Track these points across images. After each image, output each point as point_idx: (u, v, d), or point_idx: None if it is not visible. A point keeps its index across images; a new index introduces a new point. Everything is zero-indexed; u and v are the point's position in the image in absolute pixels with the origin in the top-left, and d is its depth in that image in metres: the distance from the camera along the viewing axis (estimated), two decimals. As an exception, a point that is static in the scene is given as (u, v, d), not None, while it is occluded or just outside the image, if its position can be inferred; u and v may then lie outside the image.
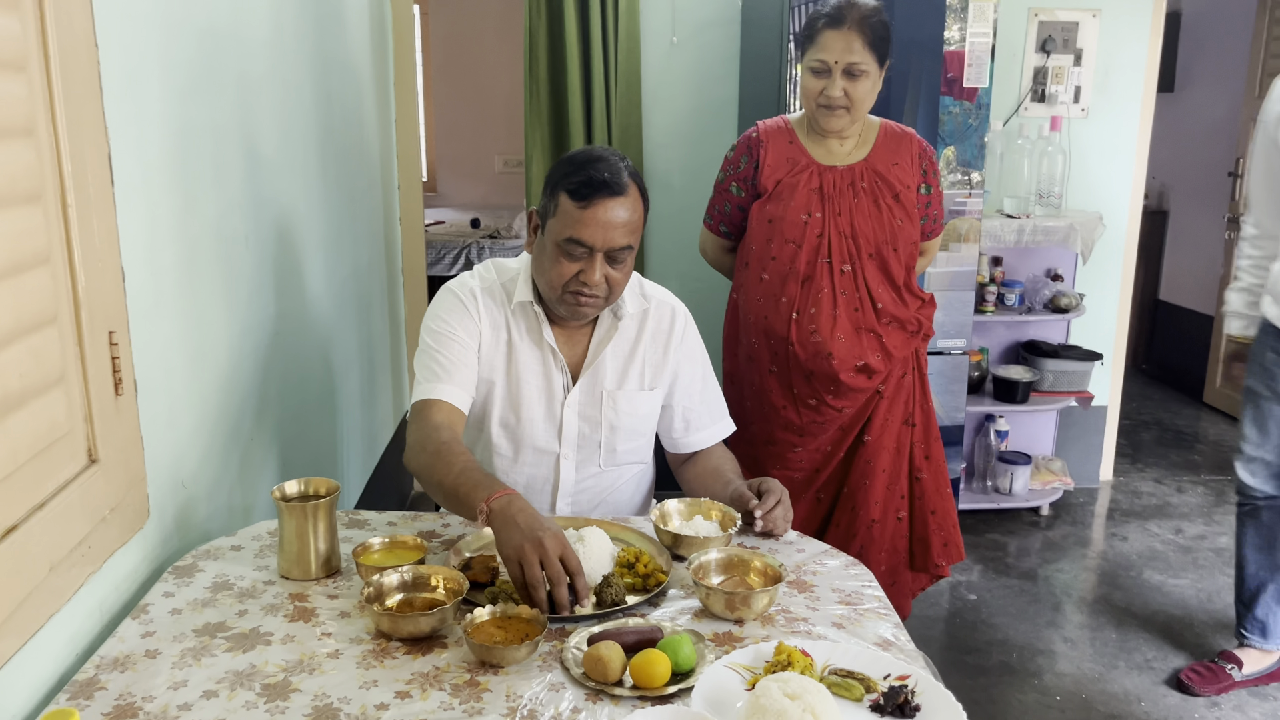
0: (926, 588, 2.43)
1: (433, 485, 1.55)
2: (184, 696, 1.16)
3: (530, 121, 3.53)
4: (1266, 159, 2.37)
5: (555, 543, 1.33)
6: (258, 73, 2.00)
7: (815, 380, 2.20)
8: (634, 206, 1.63)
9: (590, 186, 1.59)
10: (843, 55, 2.09)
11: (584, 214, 1.59)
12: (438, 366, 1.70)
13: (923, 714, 1.15)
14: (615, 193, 1.60)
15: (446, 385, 1.68)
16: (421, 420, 1.64)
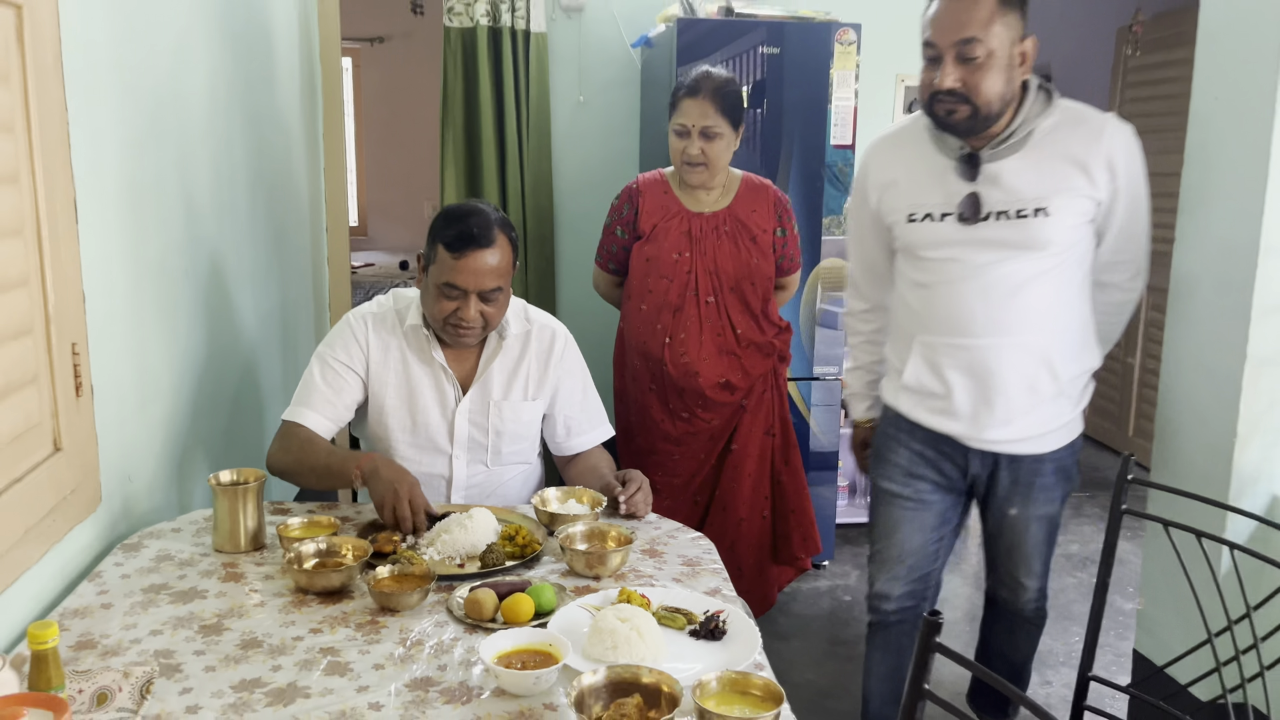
0: (792, 579, 2.76)
1: (304, 470, 1.93)
2: (134, 635, 1.43)
3: (447, 172, 3.83)
4: (859, 226, 2.10)
5: (406, 488, 1.79)
6: (195, 127, 2.29)
7: (686, 396, 2.54)
8: (502, 254, 1.95)
9: (462, 239, 1.91)
10: (699, 120, 2.47)
11: (458, 263, 1.91)
12: (313, 393, 2.03)
13: (728, 637, 1.47)
14: (484, 244, 1.92)
15: (313, 414, 2.01)
16: (284, 435, 2.00)
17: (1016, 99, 1.83)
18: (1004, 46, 1.76)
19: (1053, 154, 1.83)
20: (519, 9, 3.72)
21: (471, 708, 1.28)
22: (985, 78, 1.76)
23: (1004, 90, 1.78)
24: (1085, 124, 1.85)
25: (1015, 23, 1.77)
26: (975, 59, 1.74)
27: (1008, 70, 1.77)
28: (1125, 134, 1.85)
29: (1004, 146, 1.84)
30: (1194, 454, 2.10)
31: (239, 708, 1.26)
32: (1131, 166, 1.86)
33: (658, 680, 1.25)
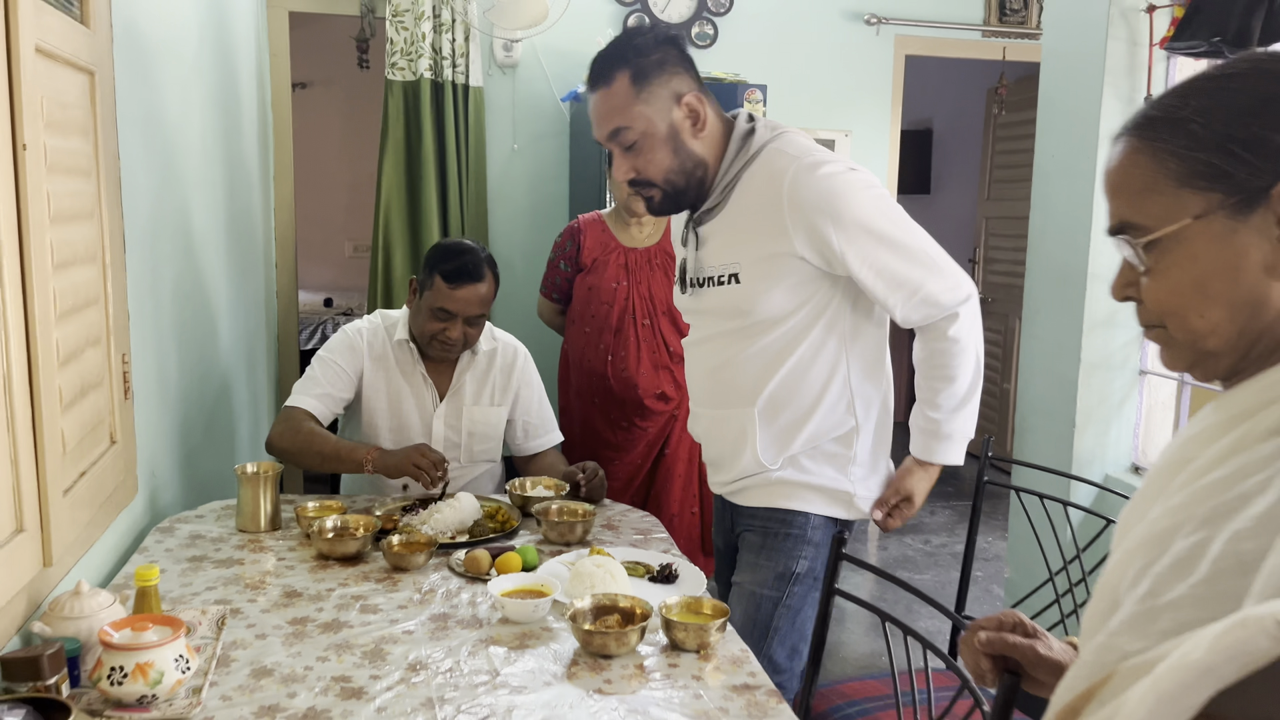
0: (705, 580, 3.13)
1: (311, 452, 2.23)
2: (192, 589, 1.73)
3: (389, 212, 4.14)
4: None
5: (423, 445, 2.17)
6: (194, 173, 2.60)
7: (627, 407, 2.92)
8: (488, 287, 2.33)
9: (459, 273, 2.28)
10: None
11: (453, 293, 2.27)
12: (313, 384, 2.35)
13: (679, 581, 1.84)
14: (476, 279, 2.29)
15: (313, 400, 2.33)
16: (289, 418, 2.29)
17: (705, 161, 1.75)
18: (656, 122, 1.70)
19: (747, 209, 1.74)
20: (459, 65, 4.09)
21: (483, 631, 1.62)
22: (651, 158, 1.72)
23: (676, 162, 1.72)
24: (774, 174, 1.71)
25: (660, 92, 1.69)
26: (633, 145, 1.72)
27: (672, 141, 1.71)
28: (808, 180, 1.67)
29: (710, 208, 1.78)
30: (1043, 442, 2.57)
31: (299, 636, 1.57)
32: (825, 212, 1.66)
33: (632, 604, 1.62)
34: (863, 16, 4.53)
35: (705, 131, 1.74)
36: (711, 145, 1.75)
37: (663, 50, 1.72)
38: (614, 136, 1.74)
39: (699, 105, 1.72)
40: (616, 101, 1.70)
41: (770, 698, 1.44)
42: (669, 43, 1.74)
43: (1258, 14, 1.95)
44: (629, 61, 1.70)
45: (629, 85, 1.69)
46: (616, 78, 1.71)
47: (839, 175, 1.69)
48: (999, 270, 5.70)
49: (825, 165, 1.69)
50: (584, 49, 4.20)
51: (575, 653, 1.56)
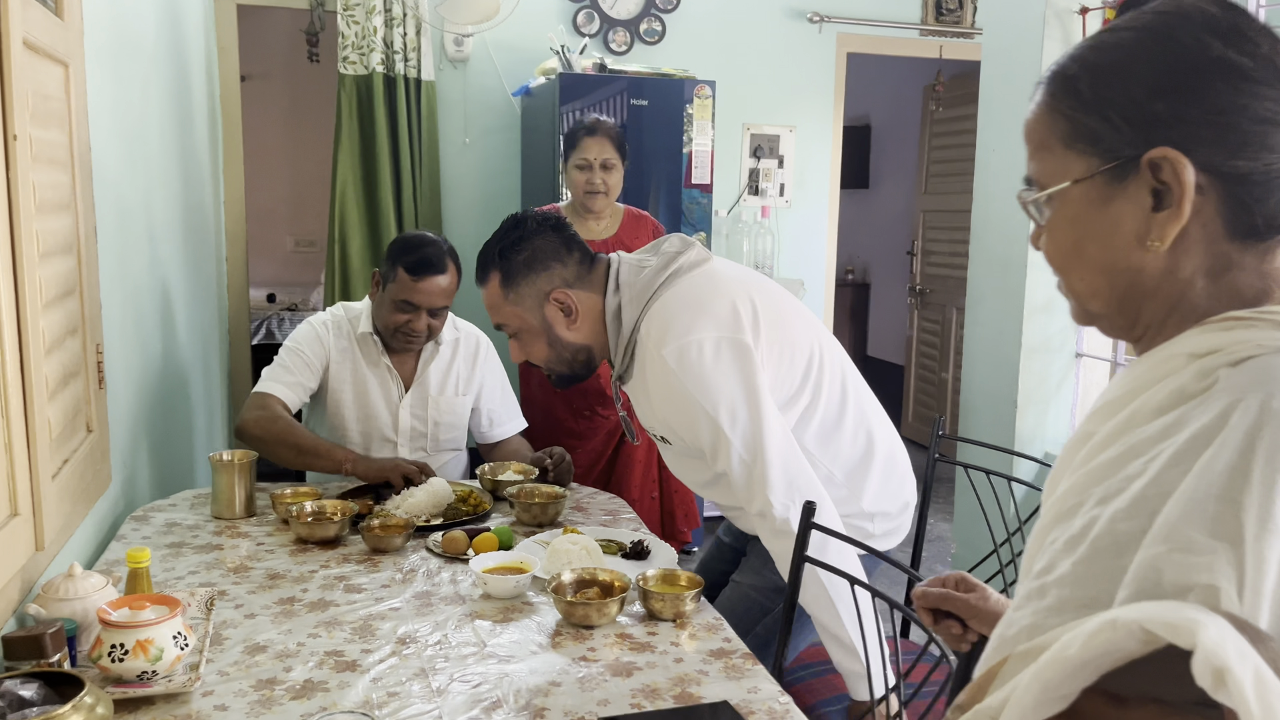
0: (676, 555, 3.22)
1: (286, 445, 2.23)
2: (175, 573, 1.76)
3: (344, 206, 4.15)
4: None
5: (404, 463, 2.18)
6: (154, 164, 2.60)
7: (589, 395, 2.98)
8: (451, 279, 2.37)
9: (422, 265, 2.32)
10: (599, 154, 2.95)
11: (416, 284, 2.32)
12: (283, 371, 2.37)
13: (652, 556, 1.92)
14: (439, 271, 2.34)
15: (284, 388, 2.35)
16: (264, 405, 2.29)
17: (586, 346, 1.83)
18: (528, 319, 1.80)
19: (642, 390, 1.78)
20: (411, 59, 4.11)
21: (467, 606, 1.68)
22: (531, 349, 1.84)
23: (554, 353, 1.82)
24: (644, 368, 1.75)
25: (528, 291, 1.78)
26: (515, 335, 1.84)
27: (546, 334, 1.80)
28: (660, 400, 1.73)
29: (622, 373, 1.83)
30: (986, 423, 2.70)
31: (287, 614, 1.62)
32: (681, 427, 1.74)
33: (611, 578, 1.69)
34: (805, 15, 4.65)
35: (579, 320, 1.79)
36: (592, 327, 1.80)
37: (533, 246, 1.78)
38: (499, 328, 1.86)
39: (567, 299, 1.78)
40: (490, 300, 1.83)
41: (746, 660, 1.52)
42: (541, 232, 1.80)
43: (1184, 17, 2.08)
44: (496, 263, 1.80)
45: (499, 287, 1.80)
46: (490, 277, 1.82)
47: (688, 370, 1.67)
48: (936, 262, 5.88)
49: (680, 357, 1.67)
50: (534, 44, 4.26)
51: (558, 624, 1.62)
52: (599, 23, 4.39)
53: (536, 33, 4.26)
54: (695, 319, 1.70)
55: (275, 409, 2.29)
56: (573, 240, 1.84)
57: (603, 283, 1.82)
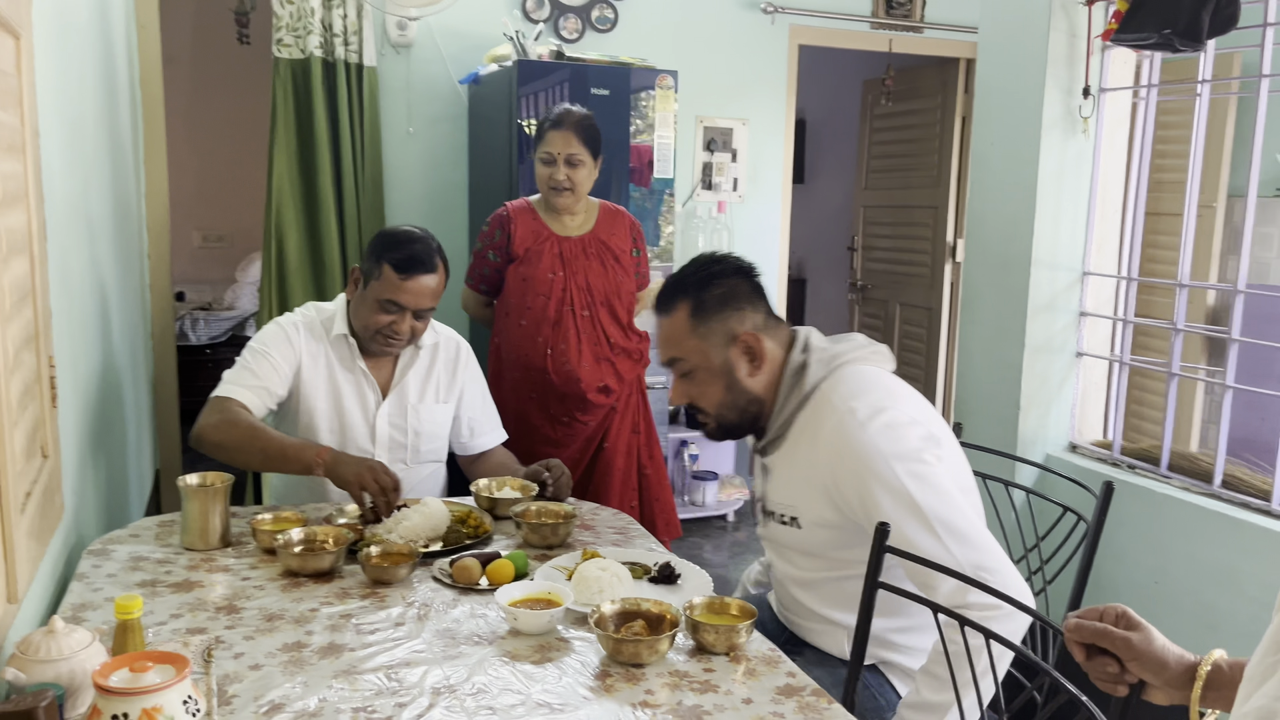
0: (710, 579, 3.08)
1: (253, 450, 2.01)
2: (157, 618, 1.54)
3: (280, 199, 3.88)
4: None
5: (380, 466, 1.93)
6: (89, 151, 2.34)
7: (568, 401, 2.82)
8: (439, 279, 2.18)
9: (411, 263, 2.12)
10: (564, 149, 2.77)
11: (404, 283, 2.12)
12: (247, 374, 2.13)
13: (682, 580, 1.78)
14: (429, 270, 2.14)
15: (246, 391, 2.11)
16: (224, 409, 2.06)
17: (760, 398, 1.73)
18: (711, 357, 1.71)
19: (801, 455, 1.69)
20: (351, 43, 3.87)
21: (497, 646, 1.51)
22: (704, 391, 1.73)
23: (729, 398, 1.72)
24: (820, 426, 1.66)
25: (717, 329, 1.70)
26: (688, 374, 1.74)
27: (725, 377, 1.71)
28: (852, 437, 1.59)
29: (772, 440, 1.75)
30: (987, 424, 2.63)
31: (297, 663, 1.42)
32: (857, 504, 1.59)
33: (659, 609, 1.54)
34: (758, 5, 4.55)
35: (763, 369, 1.72)
36: (769, 381, 1.73)
37: (728, 284, 1.72)
38: (670, 364, 1.76)
39: (756, 344, 1.71)
40: (673, 332, 1.73)
41: (818, 697, 1.39)
42: (739, 274, 1.74)
43: (1207, 6, 2.04)
44: (690, 294, 1.72)
45: (687, 318, 1.71)
46: (677, 308, 1.72)
47: (882, 432, 1.59)
48: (877, 258, 5.86)
49: (873, 417, 1.60)
50: (482, 30, 4.06)
51: (603, 662, 1.47)
52: (549, 9, 4.20)
53: (484, 18, 4.06)
54: (891, 397, 1.66)
55: (237, 412, 2.06)
56: (761, 291, 1.77)
57: (787, 340, 1.76)
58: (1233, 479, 2.28)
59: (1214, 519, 2.21)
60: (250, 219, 7.21)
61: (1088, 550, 1.80)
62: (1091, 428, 2.65)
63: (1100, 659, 1.06)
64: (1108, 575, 2.45)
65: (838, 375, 1.69)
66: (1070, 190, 2.50)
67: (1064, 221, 2.49)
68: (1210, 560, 2.22)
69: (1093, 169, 2.53)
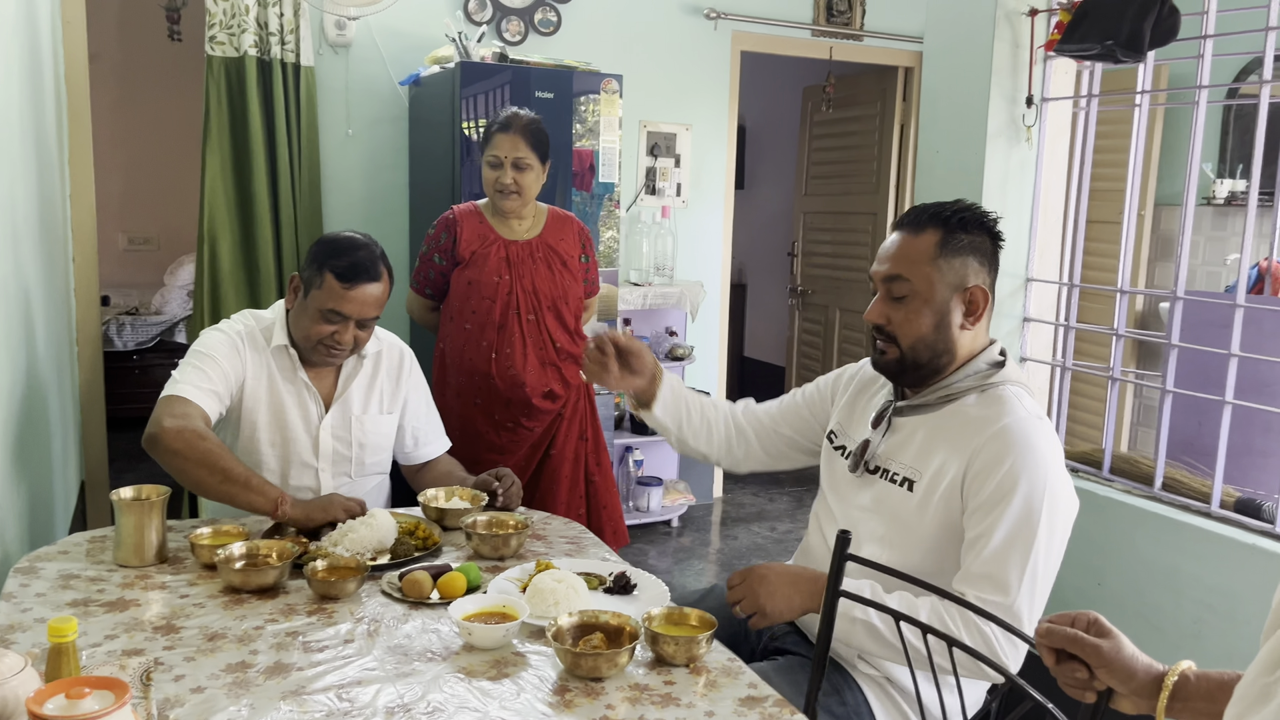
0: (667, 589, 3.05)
1: (214, 471, 1.86)
2: (91, 640, 1.47)
3: (213, 201, 3.77)
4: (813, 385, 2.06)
5: (339, 497, 1.95)
6: (14, 150, 2.23)
7: (513, 406, 2.77)
8: (384, 287, 2.11)
9: (354, 271, 2.05)
10: (511, 152, 2.73)
11: (347, 292, 2.05)
12: (200, 376, 2.01)
13: (639, 590, 1.75)
14: (372, 278, 2.08)
15: (202, 393, 1.99)
16: (184, 413, 1.91)
17: (955, 355, 1.70)
18: (938, 290, 1.66)
19: (950, 429, 1.68)
20: (288, 42, 3.77)
21: (451, 662, 1.47)
22: (912, 319, 1.67)
23: (933, 336, 1.67)
24: (991, 414, 1.65)
25: (957, 267, 1.66)
26: (902, 298, 1.68)
27: (939, 316, 1.67)
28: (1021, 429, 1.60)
29: (918, 404, 1.73)
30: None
31: (243, 684, 1.36)
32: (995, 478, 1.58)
33: (617, 621, 1.51)
34: (702, 10, 4.55)
35: (972, 329, 1.70)
36: (968, 346, 1.71)
37: (980, 236, 1.69)
38: (888, 280, 1.69)
39: (982, 301, 1.68)
40: (913, 251, 1.67)
41: (781, 708, 1.38)
42: (988, 233, 1.71)
43: (1149, 18, 2.08)
44: (946, 225, 1.67)
45: (934, 245, 1.66)
46: (926, 231, 1.68)
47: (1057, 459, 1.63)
48: (817, 264, 5.91)
49: (1045, 434, 1.63)
50: (423, 30, 3.99)
51: (561, 676, 1.44)
52: (492, 10, 4.15)
53: (425, 18, 4.00)
54: (1057, 438, 1.69)
55: (198, 421, 1.93)
56: (997, 264, 1.73)
57: (988, 326, 1.74)
58: (1173, 481, 2.33)
59: (1155, 521, 2.26)
60: (179, 221, 7.01)
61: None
62: (1035, 432, 2.68)
63: (1069, 664, 1.06)
64: (1052, 577, 2.48)
65: (1024, 389, 1.70)
66: (1014, 198, 2.54)
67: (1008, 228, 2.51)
68: (1152, 561, 2.26)
69: (1035, 177, 2.57)
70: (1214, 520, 2.20)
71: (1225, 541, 2.15)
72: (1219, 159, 4.41)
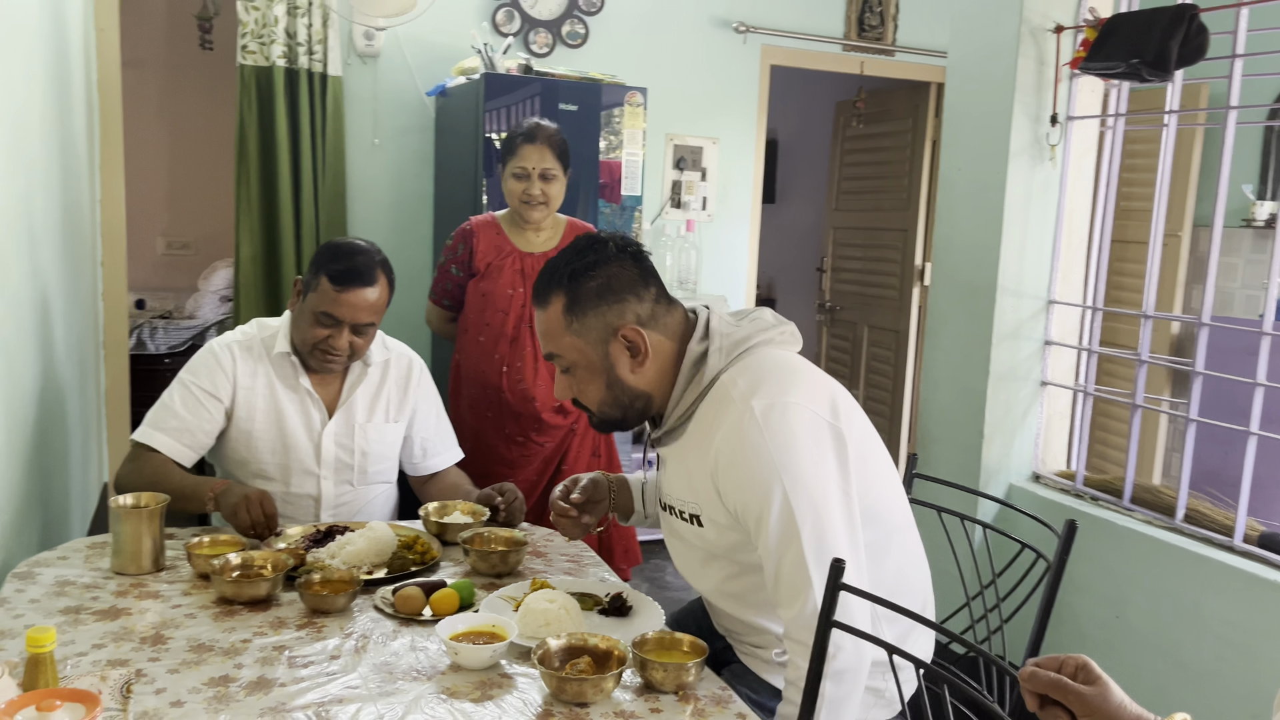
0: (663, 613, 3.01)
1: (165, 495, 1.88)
2: (77, 649, 1.47)
3: (242, 208, 3.81)
4: None
5: (256, 495, 1.90)
6: (35, 156, 2.26)
7: (523, 420, 2.75)
8: (380, 293, 2.11)
9: (348, 275, 2.05)
10: (538, 163, 2.72)
11: (340, 296, 2.05)
12: (168, 416, 2.07)
13: (634, 612, 1.72)
14: (367, 282, 2.08)
15: (166, 438, 2.05)
16: (138, 457, 2.04)
17: (649, 394, 1.62)
18: (588, 353, 1.58)
19: (700, 448, 1.57)
20: (316, 52, 3.80)
21: (436, 682, 1.44)
22: (584, 388, 1.62)
23: (610, 395, 1.61)
24: (719, 417, 1.55)
25: (594, 324, 1.57)
26: (567, 369, 1.63)
27: (606, 374, 1.59)
28: (728, 461, 1.51)
29: (668, 431, 1.64)
30: (951, 452, 2.60)
31: (223, 699, 1.35)
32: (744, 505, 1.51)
33: (606, 645, 1.48)
34: (731, 24, 4.53)
35: (646, 364, 1.59)
36: (658, 374, 1.61)
37: (606, 273, 1.57)
38: (549, 358, 1.64)
39: (638, 339, 1.57)
40: (549, 327, 1.61)
41: (768, 741, 1.34)
42: (621, 258, 1.59)
43: (1176, 36, 2.02)
44: (564, 286, 1.57)
45: (561, 313, 1.58)
46: (552, 301, 1.59)
47: (775, 434, 1.48)
48: (847, 279, 5.85)
49: (764, 416, 1.49)
50: (450, 42, 4.01)
51: (546, 700, 1.41)
52: (520, 22, 4.16)
53: (453, 30, 4.01)
54: (794, 385, 1.53)
55: (145, 459, 2.03)
56: (651, 275, 1.62)
57: (679, 327, 1.63)
58: (1195, 513, 2.26)
59: (1176, 554, 2.19)
60: (215, 226, 7.10)
61: (1049, 589, 1.75)
62: (1055, 457, 2.62)
63: (1053, 710, 1.02)
64: (1069, 608, 2.41)
65: (741, 364, 1.57)
66: (1037, 218, 2.49)
67: (1030, 249, 2.47)
68: (1173, 595, 2.19)
69: (1059, 197, 2.52)
70: (1237, 555, 2.13)
71: (1248, 577, 2.08)
72: (1259, 180, 4.31)
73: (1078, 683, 1.01)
